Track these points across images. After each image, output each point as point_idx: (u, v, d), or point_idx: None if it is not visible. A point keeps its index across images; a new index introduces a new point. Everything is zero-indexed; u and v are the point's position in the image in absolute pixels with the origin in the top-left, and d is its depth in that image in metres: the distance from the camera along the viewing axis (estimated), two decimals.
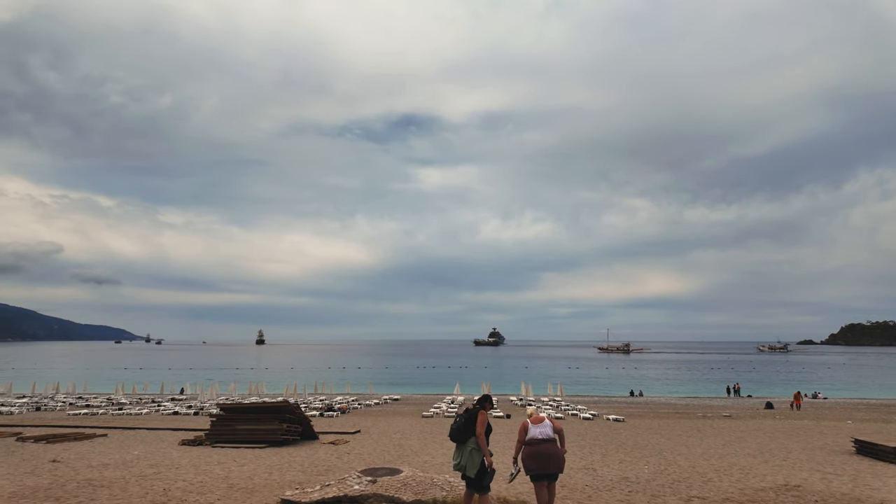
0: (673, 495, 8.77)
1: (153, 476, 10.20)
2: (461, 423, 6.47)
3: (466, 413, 6.60)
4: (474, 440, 6.41)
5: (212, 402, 32.54)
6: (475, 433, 6.41)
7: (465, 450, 6.40)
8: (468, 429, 6.42)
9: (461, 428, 6.44)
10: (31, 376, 60.00)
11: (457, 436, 6.46)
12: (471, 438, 6.42)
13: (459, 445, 6.49)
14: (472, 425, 6.43)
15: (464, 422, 6.46)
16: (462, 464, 6.37)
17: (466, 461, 6.35)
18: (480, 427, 6.44)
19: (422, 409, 31.54)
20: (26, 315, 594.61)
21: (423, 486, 6.29)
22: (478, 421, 6.44)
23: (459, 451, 6.47)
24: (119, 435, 17.93)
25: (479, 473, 6.35)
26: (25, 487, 8.93)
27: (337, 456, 13.43)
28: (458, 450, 6.49)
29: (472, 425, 6.43)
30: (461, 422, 6.49)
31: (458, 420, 6.56)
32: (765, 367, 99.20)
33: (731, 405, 36.60)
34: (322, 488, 6.29)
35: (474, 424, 6.43)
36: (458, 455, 6.45)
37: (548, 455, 6.94)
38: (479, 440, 6.41)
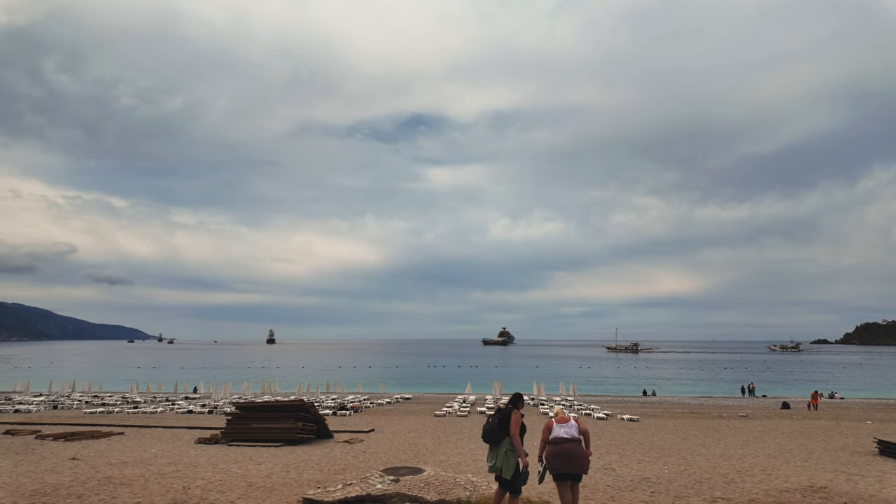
0: (696, 496, 8.62)
1: (172, 474, 10.23)
2: (495, 424, 6.34)
3: (499, 413, 6.47)
4: (508, 441, 6.30)
5: (225, 400, 32.75)
6: (509, 433, 6.31)
7: (499, 451, 6.29)
8: (502, 429, 6.31)
9: (495, 429, 6.31)
10: (47, 375, 60.88)
11: (490, 437, 6.34)
12: (505, 439, 6.30)
13: (493, 447, 6.37)
14: (506, 426, 6.32)
15: (497, 422, 6.34)
16: (497, 465, 6.25)
17: (502, 462, 6.24)
18: (514, 427, 6.33)
19: (433, 408, 31.49)
20: (42, 315, 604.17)
21: (447, 486, 6.21)
22: (511, 421, 6.33)
23: (494, 453, 6.34)
24: (136, 433, 18.08)
25: (515, 475, 6.26)
26: (47, 485, 8.99)
27: (353, 455, 13.42)
28: (492, 451, 6.37)
29: (505, 426, 6.32)
30: (495, 423, 6.36)
31: (491, 421, 6.43)
32: (777, 367, 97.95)
33: (746, 405, 36.13)
34: (344, 487, 6.24)
35: (508, 425, 6.32)
36: (493, 457, 6.33)
37: (571, 454, 6.85)
38: (514, 440, 6.31)
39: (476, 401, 35.62)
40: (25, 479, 9.58)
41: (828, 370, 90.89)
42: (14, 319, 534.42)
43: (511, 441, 6.32)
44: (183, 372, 76.13)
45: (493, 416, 6.51)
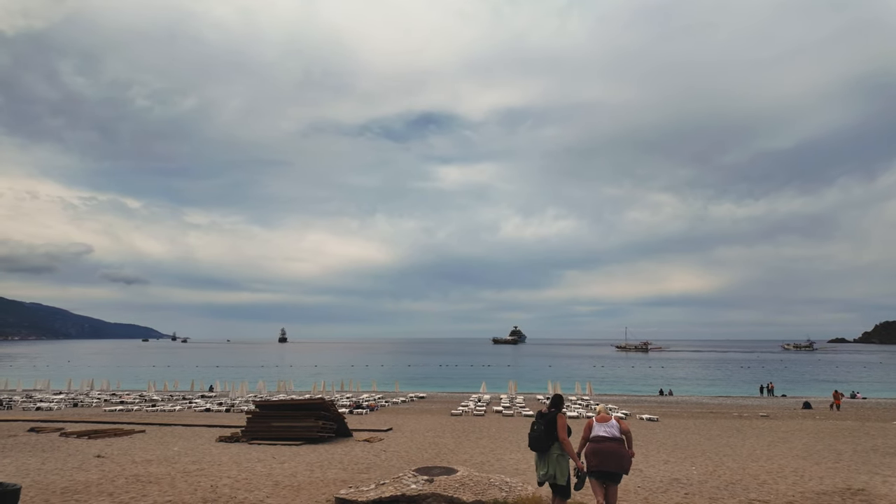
0: (731, 498, 8.41)
1: (197, 472, 10.24)
2: (542, 431, 6.17)
3: (543, 418, 6.30)
4: (558, 446, 6.15)
5: (242, 399, 32.98)
6: (558, 439, 6.16)
7: (549, 458, 6.11)
8: (549, 435, 6.14)
9: (542, 436, 6.14)
10: (66, 373, 61.86)
11: (538, 444, 6.14)
12: (554, 445, 6.15)
13: (542, 454, 6.19)
14: (554, 431, 6.16)
15: (544, 428, 6.17)
16: (551, 472, 6.08)
17: (556, 469, 6.08)
18: (563, 431, 6.17)
19: (449, 407, 31.41)
20: (59, 314, 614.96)
21: (482, 487, 6.09)
22: (559, 425, 6.17)
23: (544, 461, 6.16)
24: (156, 431, 18.20)
25: (569, 479, 6.13)
26: (77, 482, 9.03)
27: (374, 454, 13.36)
28: (542, 459, 6.18)
29: (553, 431, 6.16)
30: (541, 429, 6.18)
31: (536, 427, 6.24)
32: (794, 366, 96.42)
33: (766, 405, 35.55)
34: (377, 487, 6.16)
35: (555, 430, 6.16)
36: (544, 464, 6.14)
37: (610, 453, 6.68)
38: (566, 445, 6.15)
39: (491, 400, 35.48)
40: (54, 477, 9.64)
41: (847, 369, 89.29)
42: (32, 319, 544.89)
43: (561, 446, 6.16)
44: (198, 371, 76.91)
45: (536, 421, 6.31)
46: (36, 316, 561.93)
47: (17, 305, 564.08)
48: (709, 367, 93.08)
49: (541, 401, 36.36)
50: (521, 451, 14.38)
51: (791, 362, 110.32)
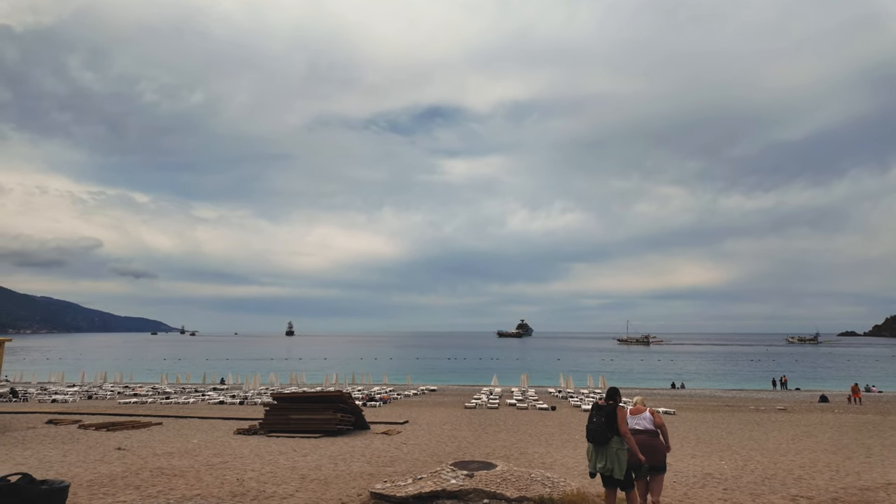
0: (771, 493, 8.16)
1: (221, 465, 10.11)
2: (602, 423, 5.97)
3: (601, 411, 6.10)
4: (617, 440, 5.96)
5: (254, 391, 33.03)
6: (618, 432, 5.97)
7: (608, 451, 5.92)
8: (610, 428, 5.95)
9: (602, 428, 5.95)
10: (78, 366, 62.41)
11: (598, 437, 5.95)
12: (613, 438, 5.97)
13: (599, 447, 5.99)
14: (613, 423, 5.96)
15: (604, 421, 5.97)
16: (609, 466, 5.89)
17: (615, 463, 5.88)
18: (623, 424, 5.98)
19: (461, 400, 31.28)
20: (69, 308, 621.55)
21: (524, 482, 5.88)
22: (619, 418, 5.97)
23: (602, 453, 5.96)
24: (173, 423, 18.17)
25: (628, 473, 5.94)
26: (101, 475, 8.92)
27: (395, 446, 13.20)
28: (600, 451, 5.98)
29: (613, 424, 5.96)
30: (601, 421, 5.99)
31: (595, 420, 6.04)
32: (804, 360, 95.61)
33: (781, 398, 35.16)
34: (414, 482, 5.96)
35: (615, 422, 5.96)
36: (602, 457, 5.94)
37: (643, 446, 6.45)
38: (627, 438, 5.96)
39: (502, 393, 35.33)
40: (78, 469, 9.54)
41: (861, 363, 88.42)
42: (44, 312, 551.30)
43: (622, 439, 5.96)
44: (208, 363, 77.39)
45: (595, 413, 6.11)
46: (47, 310, 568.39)
47: (28, 299, 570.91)
48: (718, 361, 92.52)
49: (552, 394, 36.12)
50: (543, 444, 14.19)
51: (801, 356, 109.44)
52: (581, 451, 12.91)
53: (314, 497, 7.40)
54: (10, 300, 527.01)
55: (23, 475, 3.45)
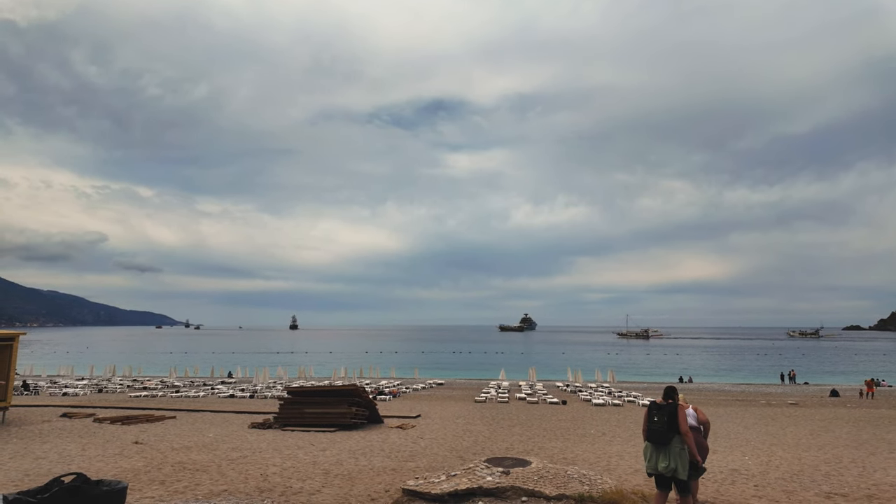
0: (804, 490, 8.02)
1: (241, 460, 10.05)
2: (664, 423, 5.83)
3: (662, 410, 5.95)
4: (678, 439, 5.83)
5: (264, 385, 33.09)
6: (679, 432, 5.84)
7: (670, 451, 5.78)
8: (671, 427, 5.81)
9: (665, 428, 5.81)
10: (85, 359, 62.74)
11: (660, 437, 5.81)
12: (675, 438, 5.84)
13: (660, 447, 5.85)
14: (675, 423, 5.82)
15: (666, 420, 5.83)
16: (672, 466, 5.75)
17: (678, 463, 5.75)
18: (685, 423, 5.86)
19: (469, 393, 31.25)
20: (75, 302, 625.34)
21: (561, 480, 5.77)
22: (680, 417, 5.84)
23: (664, 453, 5.81)
24: (186, 417, 18.16)
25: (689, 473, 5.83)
26: (124, 470, 8.87)
27: (412, 441, 13.13)
28: (661, 451, 5.83)
29: (674, 423, 5.82)
30: (663, 421, 5.84)
31: (657, 419, 5.89)
32: (811, 354, 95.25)
33: (790, 392, 34.99)
34: (448, 479, 5.85)
35: (676, 422, 5.83)
36: (665, 457, 5.79)
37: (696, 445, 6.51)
38: (688, 439, 5.83)
39: (510, 387, 35.28)
40: (99, 464, 9.49)
41: (869, 357, 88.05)
42: (50, 306, 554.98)
43: (682, 439, 5.83)
44: (214, 357, 77.71)
45: (655, 413, 5.96)
46: (53, 303, 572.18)
47: (35, 293, 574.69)
48: (724, 355, 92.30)
49: (560, 388, 36.02)
50: (560, 439, 14.10)
51: (808, 350, 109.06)
52: (598, 446, 12.83)
53: (341, 493, 7.31)
54: (16, 294, 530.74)
55: (77, 475, 3.35)
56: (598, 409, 23.11)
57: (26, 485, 7.79)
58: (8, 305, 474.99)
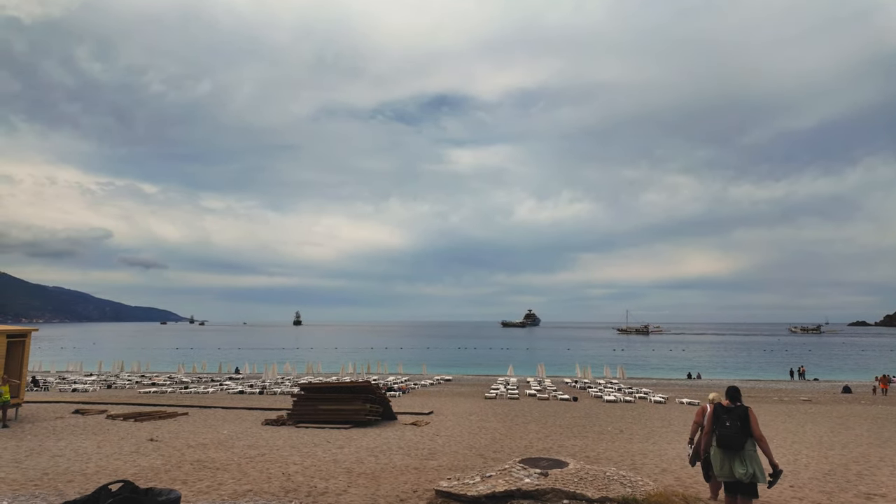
0: (842, 492, 7.81)
1: (259, 458, 9.91)
2: (738, 427, 5.63)
3: (732, 413, 5.75)
4: (751, 443, 5.65)
5: (272, 381, 33.04)
6: (753, 435, 5.66)
7: (746, 455, 5.60)
8: (745, 432, 5.63)
9: (739, 432, 5.62)
10: (92, 355, 62.95)
11: (735, 441, 5.62)
12: (748, 441, 5.67)
13: (733, 452, 5.65)
14: (747, 426, 5.64)
15: (739, 424, 5.64)
16: (750, 471, 5.57)
17: (755, 467, 5.58)
18: (758, 426, 5.72)
19: (477, 390, 31.11)
20: (81, 298, 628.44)
21: (603, 482, 5.58)
22: (752, 420, 5.67)
23: (739, 458, 5.63)
24: (198, 413, 18.06)
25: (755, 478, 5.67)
26: (143, 468, 8.73)
27: (429, 438, 12.96)
28: (735, 457, 5.65)
29: (747, 426, 5.64)
30: (737, 425, 5.64)
31: (729, 424, 5.68)
32: (817, 350, 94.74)
33: (801, 389, 34.73)
34: (483, 480, 5.67)
35: (748, 425, 5.64)
36: (742, 463, 5.61)
37: None
38: (763, 442, 5.66)
39: (519, 383, 35.10)
40: (117, 462, 9.36)
41: (876, 353, 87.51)
42: (56, 302, 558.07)
43: (757, 443, 5.66)
44: (220, 353, 77.90)
45: (726, 416, 5.74)
46: (59, 299, 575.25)
47: (41, 289, 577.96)
48: (730, 351, 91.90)
49: (568, 384, 35.82)
50: (577, 436, 13.90)
51: (815, 346, 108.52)
52: (618, 444, 12.62)
53: (368, 493, 7.14)
54: (23, 290, 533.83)
55: (124, 482, 3.18)
56: (610, 406, 22.92)
57: (46, 484, 7.67)
58: (14, 301, 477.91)
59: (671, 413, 20.24)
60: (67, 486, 7.43)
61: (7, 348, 15.27)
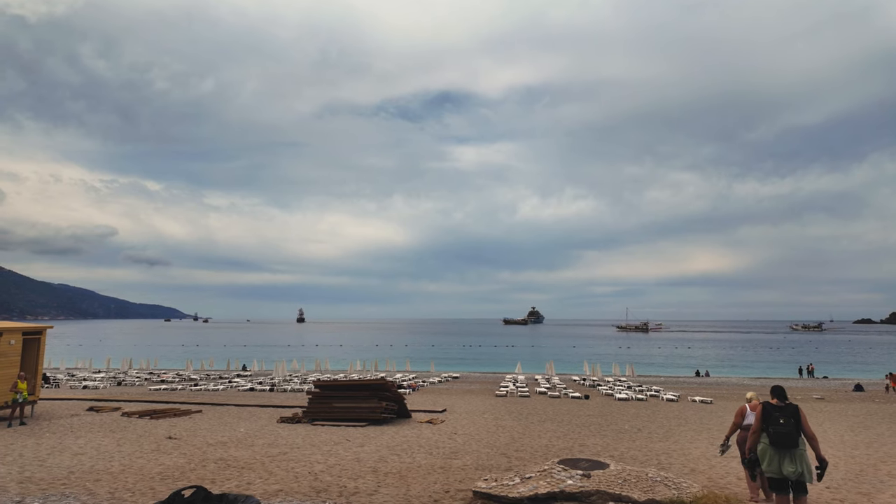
0: (878, 493, 7.68)
1: (282, 457, 9.84)
2: (792, 426, 5.55)
3: (784, 411, 5.66)
4: (803, 442, 5.57)
5: (281, 378, 33.04)
6: (806, 434, 5.58)
7: (797, 454, 5.52)
8: (799, 430, 5.55)
9: (794, 431, 5.54)
10: (100, 352, 63.22)
11: (790, 440, 5.54)
12: (800, 440, 5.61)
13: (787, 450, 5.56)
14: (800, 424, 5.56)
15: (793, 422, 5.55)
16: (799, 470, 5.49)
17: (804, 466, 5.50)
18: (809, 425, 5.63)
19: (487, 387, 31.04)
20: (86, 295, 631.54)
21: (647, 483, 5.47)
22: (804, 419, 5.58)
23: (791, 457, 5.54)
24: (211, 411, 18.03)
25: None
26: (168, 467, 8.67)
27: (448, 437, 12.88)
28: (788, 455, 5.56)
29: (800, 425, 5.56)
30: (791, 423, 5.56)
31: (784, 422, 5.59)
32: (824, 347, 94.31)
33: (812, 387, 34.50)
34: (524, 481, 5.57)
35: (800, 423, 5.56)
36: (794, 462, 5.53)
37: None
38: (814, 441, 5.56)
39: (527, 381, 35.01)
40: (140, 460, 9.31)
41: (884, 351, 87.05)
42: (61, 299, 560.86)
43: (808, 440, 5.56)
44: (226, 350, 78.13)
45: (778, 414, 5.65)
46: (64, 296, 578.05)
47: (46, 286, 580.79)
48: (736, 348, 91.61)
49: (576, 381, 35.70)
50: (597, 435, 13.80)
51: (820, 343, 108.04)
52: (639, 443, 12.51)
53: (399, 494, 7.05)
54: (28, 287, 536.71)
55: (196, 488, 3.10)
56: (622, 404, 22.80)
57: (73, 482, 7.61)
58: (20, 298, 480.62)
59: (685, 412, 20.11)
60: (96, 486, 7.37)
61: (23, 345, 15.26)
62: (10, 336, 14.76)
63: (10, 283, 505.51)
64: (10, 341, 14.70)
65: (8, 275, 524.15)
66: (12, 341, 14.80)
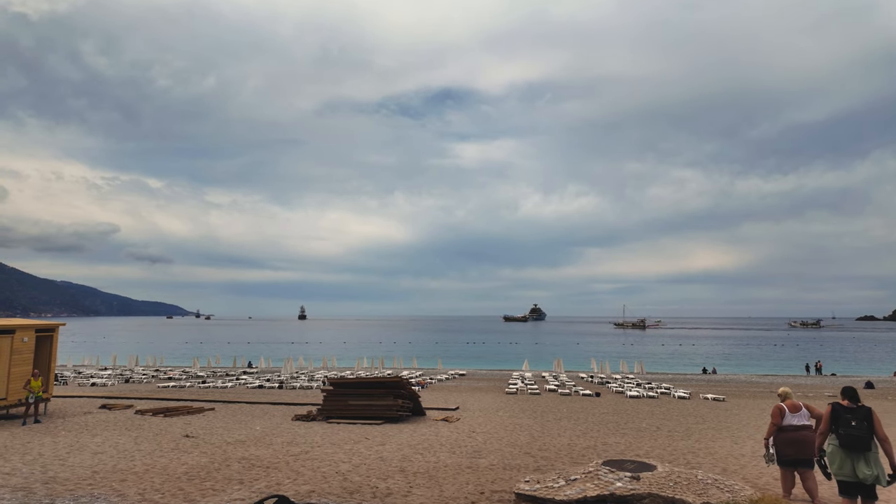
0: None
1: (304, 455, 9.72)
2: (865, 429, 5.40)
3: (857, 413, 5.52)
4: (874, 444, 5.43)
5: (290, 375, 32.94)
6: (878, 437, 5.43)
7: (871, 457, 5.38)
8: (871, 433, 5.41)
9: (868, 433, 5.40)
10: (105, 349, 63.19)
11: (863, 443, 5.41)
12: (872, 442, 5.48)
13: (859, 453, 5.42)
14: (874, 427, 5.42)
15: (866, 425, 5.41)
16: (875, 473, 5.35)
17: (878, 470, 5.36)
18: (882, 427, 5.48)
19: (495, 384, 30.92)
20: (88, 292, 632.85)
21: (699, 486, 5.32)
22: (877, 422, 5.43)
23: (864, 460, 5.40)
24: (224, 409, 17.93)
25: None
26: (193, 467, 8.54)
27: (467, 435, 12.74)
28: (860, 458, 5.42)
29: (873, 427, 5.41)
30: (864, 426, 5.41)
31: (856, 424, 5.45)
32: (829, 345, 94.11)
33: (822, 384, 34.34)
34: (569, 483, 5.42)
35: (874, 427, 5.42)
36: (867, 465, 5.38)
37: (805, 441, 6.43)
38: (887, 444, 5.42)
39: (533, 377, 34.87)
40: (162, 460, 9.19)
41: (888, 347, 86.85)
42: (64, 296, 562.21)
43: (881, 444, 5.42)
44: (230, 347, 78.10)
45: (850, 416, 5.51)
46: (66, 294, 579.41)
47: (48, 284, 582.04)
48: (740, 345, 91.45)
49: (584, 378, 35.54)
50: (616, 433, 13.66)
51: (825, 340, 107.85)
52: (661, 441, 12.36)
53: (433, 495, 6.91)
54: (31, 285, 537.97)
55: (279, 497, 2.96)
56: (635, 402, 22.66)
57: (99, 483, 7.48)
58: (22, 296, 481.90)
59: (699, 409, 19.97)
60: (123, 486, 7.24)
61: (36, 343, 15.15)
62: (24, 333, 14.65)
63: (13, 281, 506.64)
64: (23, 339, 14.59)
65: (10, 272, 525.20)
66: (25, 339, 14.69)
